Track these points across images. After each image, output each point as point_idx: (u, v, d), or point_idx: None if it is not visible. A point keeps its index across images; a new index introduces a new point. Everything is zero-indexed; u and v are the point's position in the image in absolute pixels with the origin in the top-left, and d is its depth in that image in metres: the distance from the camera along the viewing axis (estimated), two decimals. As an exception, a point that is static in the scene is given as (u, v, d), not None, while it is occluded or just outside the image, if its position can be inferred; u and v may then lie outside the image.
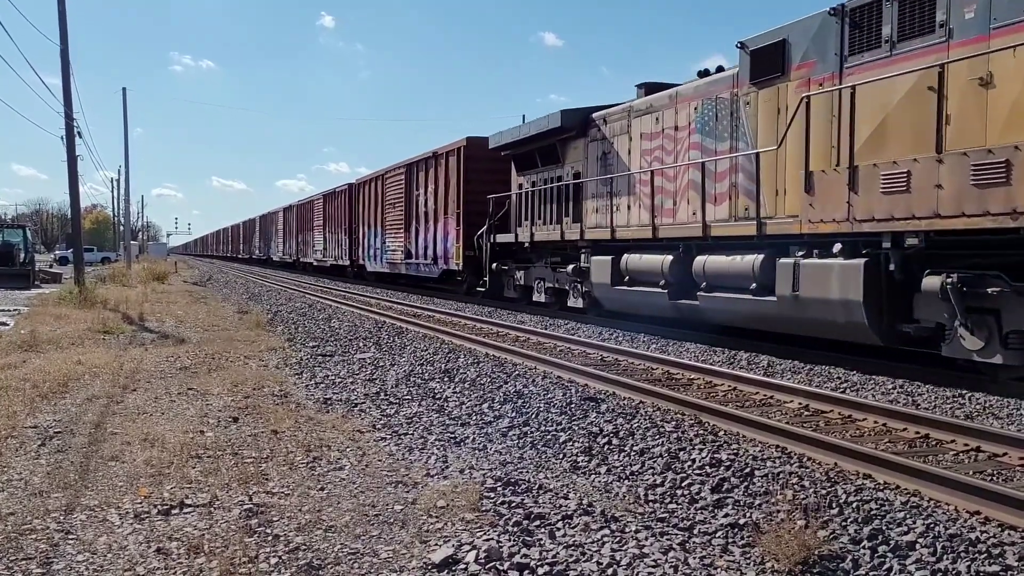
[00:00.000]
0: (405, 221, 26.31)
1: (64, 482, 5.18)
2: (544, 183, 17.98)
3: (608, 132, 15.57)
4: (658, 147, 13.92)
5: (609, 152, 15.47)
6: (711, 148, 12.51)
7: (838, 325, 9.68)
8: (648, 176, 13.93)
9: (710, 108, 12.61)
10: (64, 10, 22.30)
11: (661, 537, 4.21)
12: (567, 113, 16.58)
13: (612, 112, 15.53)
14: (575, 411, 7.15)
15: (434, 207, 23.84)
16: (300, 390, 8.63)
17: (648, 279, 13.51)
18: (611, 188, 15.14)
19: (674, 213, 13.38)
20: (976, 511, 4.63)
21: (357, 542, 4.21)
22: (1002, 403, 7.70)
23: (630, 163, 14.74)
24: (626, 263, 14.16)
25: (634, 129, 14.65)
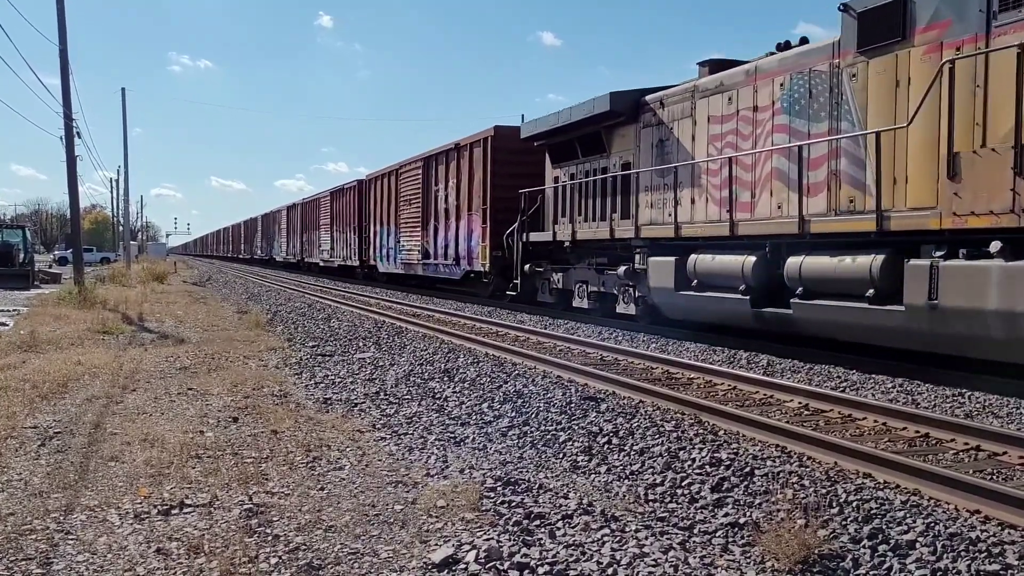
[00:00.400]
0: (422, 219, 24.68)
1: (64, 482, 5.18)
2: (585, 175, 16.30)
3: (666, 116, 13.78)
4: (731, 131, 12.21)
5: (667, 139, 13.72)
6: (802, 130, 10.85)
7: (998, 344, 8.01)
8: (719, 165, 12.29)
9: (801, 84, 10.86)
10: (63, 10, 22.31)
11: (661, 536, 4.21)
12: (617, 96, 14.67)
13: (671, 94, 13.76)
14: (575, 410, 7.15)
15: (456, 203, 22.18)
16: (300, 390, 8.63)
17: (723, 283, 11.85)
18: (671, 179, 13.42)
19: (752, 207, 11.67)
20: (976, 510, 4.63)
21: (357, 542, 4.21)
22: (1002, 402, 7.70)
23: (694, 150, 13.01)
24: (695, 265, 12.43)
25: (699, 111, 12.91)
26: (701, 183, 12.83)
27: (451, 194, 22.57)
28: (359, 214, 32.58)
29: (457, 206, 22.13)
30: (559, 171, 17.48)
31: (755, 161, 11.72)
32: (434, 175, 23.99)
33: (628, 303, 14.74)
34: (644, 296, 14.12)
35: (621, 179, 15.08)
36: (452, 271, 22.68)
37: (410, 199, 26.12)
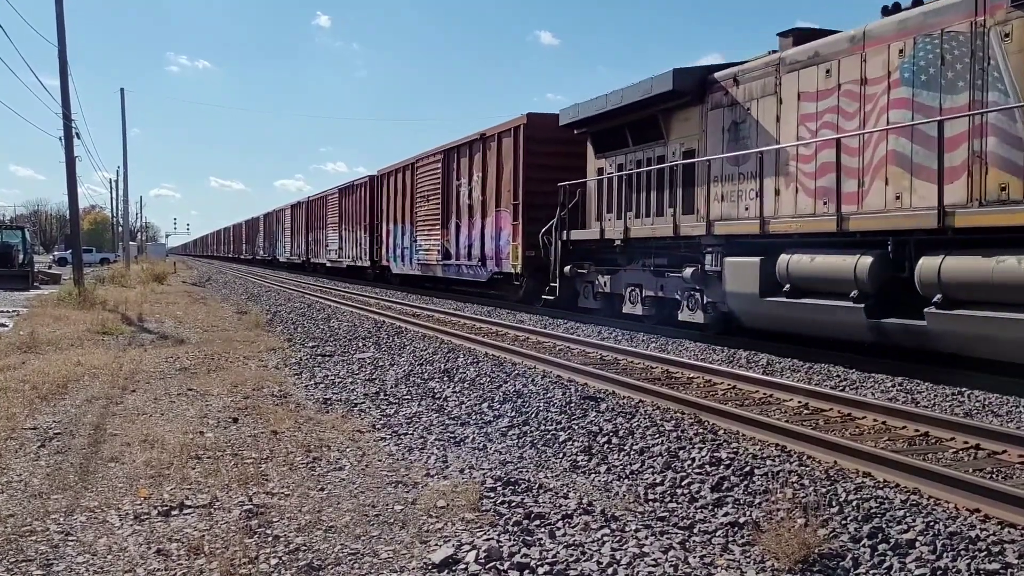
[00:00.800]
0: (442, 216, 22.94)
1: (64, 483, 5.18)
2: (637, 165, 14.65)
3: (741, 95, 12.19)
4: (829, 109, 10.57)
5: (743, 121, 12.13)
6: (930, 105, 9.23)
7: None
8: (812, 149, 10.73)
9: (929, 49, 9.22)
10: (62, 11, 22.30)
11: (661, 536, 4.21)
12: (682, 74, 13.02)
13: (747, 69, 12.19)
14: (575, 410, 7.15)
15: (481, 199, 20.41)
16: (300, 390, 8.63)
17: (827, 288, 9.99)
18: (750, 167, 11.84)
19: (860, 197, 9.98)
20: (976, 509, 4.63)
21: (357, 542, 4.21)
22: (1001, 400, 7.71)
23: (779, 133, 11.43)
24: (787, 266, 10.53)
25: (786, 88, 11.28)
26: (789, 171, 11.19)
27: (475, 189, 20.86)
28: (371, 212, 30.77)
29: (483, 202, 20.38)
30: (604, 161, 15.85)
31: (864, 144, 10.03)
32: (455, 169, 22.27)
33: (694, 310, 12.84)
34: (716, 302, 12.26)
35: (683, 169, 13.36)
36: (477, 273, 20.94)
37: (428, 195, 24.35)
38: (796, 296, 10.49)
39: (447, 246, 22.68)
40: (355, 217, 33.12)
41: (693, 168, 13.20)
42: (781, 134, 11.43)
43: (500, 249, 19.37)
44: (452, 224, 22.44)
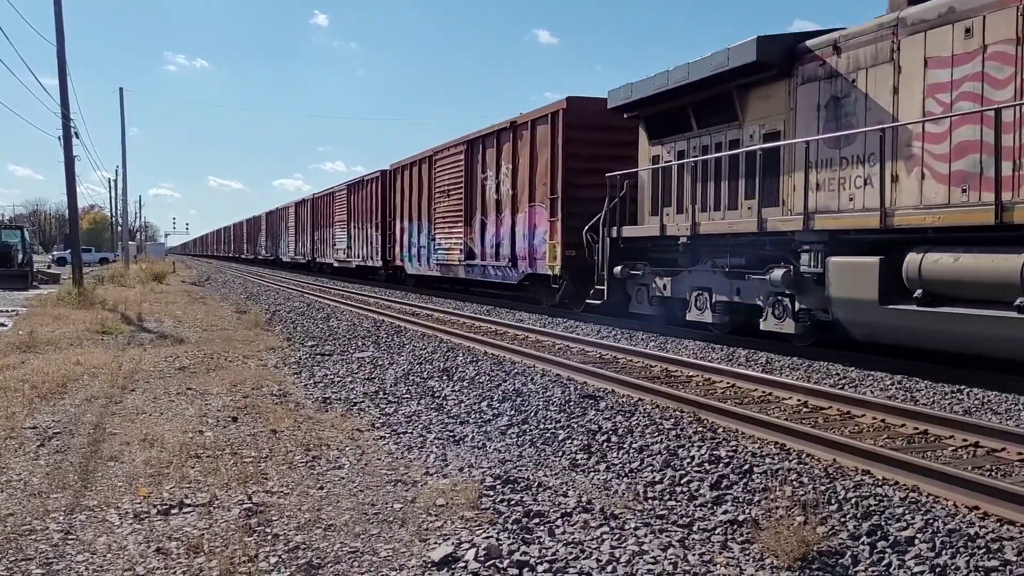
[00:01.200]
0: (465, 212, 21.18)
1: (63, 483, 5.18)
2: (703, 151, 12.83)
3: (844, 64, 10.40)
4: (970, 76, 8.78)
5: (846, 95, 10.37)
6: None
7: None
8: (945, 126, 9.02)
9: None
10: (60, 10, 22.28)
11: (660, 534, 4.21)
12: (766, 42, 11.24)
13: (852, 33, 10.38)
14: (574, 409, 7.15)
15: (512, 193, 18.58)
16: (299, 389, 8.63)
17: (978, 294, 8.30)
18: (857, 149, 10.13)
19: (1017, 182, 8.29)
20: (975, 506, 4.64)
21: (357, 541, 4.22)
22: (1000, 398, 7.72)
23: (897, 108, 9.65)
24: (919, 267, 8.77)
25: (907, 53, 9.51)
26: (911, 153, 9.45)
27: (504, 182, 19.02)
28: (383, 209, 28.98)
29: (513, 197, 18.55)
30: (660, 149, 13.97)
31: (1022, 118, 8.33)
32: (480, 161, 20.41)
33: (782, 318, 10.99)
34: (811, 309, 10.55)
35: (765, 154, 11.53)
36: (506, 274, 19.06)
37: (448, 190, 22.49)
38: (932, 304, 8.65)
39: (471, 245, 20.92)
40: (365, 214, 31.35)
41: (777, 153, 11.41)
42: (900, 109, 9.61)
43: (534, 248, 17.57)
44: (476, 221, 20.64)
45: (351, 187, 33.73)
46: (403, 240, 26.77)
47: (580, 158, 16.38)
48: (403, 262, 26.78)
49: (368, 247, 30.89)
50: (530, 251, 17.85)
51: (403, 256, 26.75)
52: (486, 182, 20.15)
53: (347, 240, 33.97)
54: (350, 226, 33.65)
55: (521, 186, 18.32)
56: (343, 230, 34.70)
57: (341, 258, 34.90)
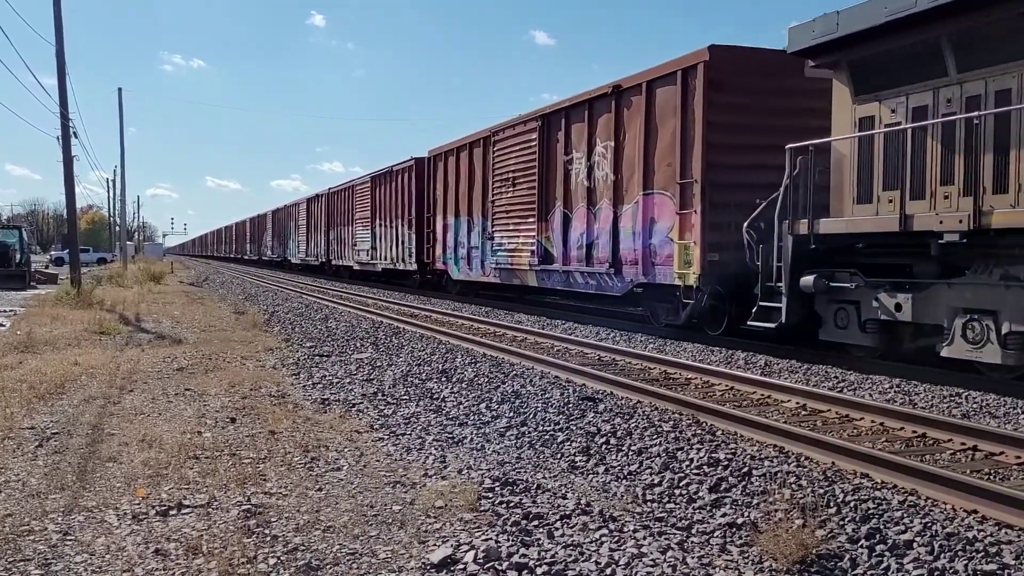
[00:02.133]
0: (539, 204, 16.97)
1: (62, 483, 5.18)
2: (964, 106, 8.85)
3: None
4: None
5: None
6: None
7: None
8: None
9: None
10: (59, 10, 22.28)
11: (659, 537, 4.21)
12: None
13: None
14: (573, 411, 7.15)
15: (613, 179, 14.36)
16: (298, 390, 8.62)
17: None
18: None
19: None
20: (973, 510, 4.64)
21: (355, 542, 4.21)
22: (999, 402, 7.72)
23: None
24: None
25: None
26: None
27: (601, 165, 14.84)
28: (418, 203, 24.84)
29: (616, 183, 14.36)
30: (878, 107, 9.91)
31: None
32: (562, 139, 16.15)
33: None
34: None
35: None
36: (604, 283, 14.86)
37: (513, 177, 18.25)
38: None
39: (546, 245, 16.75)
40: (394, 210, 27.16)
41: None
42: None
43: (651, 249, 13.38)
44: (556, 215, 16.42)
45: (376, 179, 29.36)
46: (446, 240, 22.50)
47: (728, 129, 12.13)
48: (446, 265, 22.59)
49: (398, 248, 26.84)
50: (645, 253, 13.49)
51: (447, 259, 22.53)
52: (571, 166, 15.83)
53: (371, 240, 29.78)
54: (375, 224, 29.40)
55: (629, 169, 14.00)
56: (366, 229, 30.49)
57: (364, 260, 31.00)
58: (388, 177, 28.02)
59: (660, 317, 13.96)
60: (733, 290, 11.97)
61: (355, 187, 32.44)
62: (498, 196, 19.10)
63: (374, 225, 29.50)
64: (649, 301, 14.23)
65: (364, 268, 31.20)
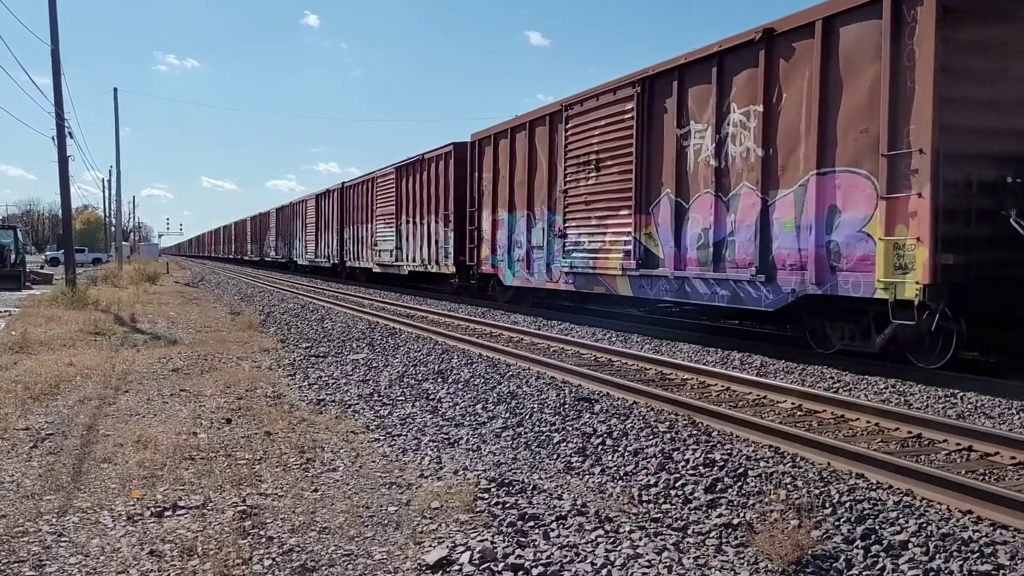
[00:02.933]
0: (638, 193, 13.44)
1: (56, 484, 5.16)
2: None
3: None
4: None
5: None
6: None
7: None
8: None
9: None
10: (55, 10, 22.22)
11: (655, 537, 4.21)
12: None
13: None
14: (569, 412, 7.16)
15: (761, 155, 10.84)
16: (293, 391, 8.61)
17: None
18: None
19: None
20: (968, 510, 4.65)
21: (351, 543, 4.21)
22: (993, 403, 7.74)
23: None
24: None
25: None
26: None
27: (739, 139, 11.27)
28: (457, 195, 21.53)
29: (765, 161, 10.79)
30: None
31: None
32: (675, 108, 12.58)
33: None
34: None
35: None
36: (745, 294, 11.11)
37: (597, 159, 14.61)
38: None
39: (647, 244, 13.33)
40: (426, 205, 23.89)
41: None
42: None
43: (833, 249, 9.84)
44: (663, 205, 12.89)
45: (404, 169, 25.85)
46: (495, 238, 19.14)
47: (969, 78, 8.87)
48: (495, 268, 19.30)
49: (430, 248, 23.51)
50: (818, 255, 10.02)
51: (497, 260, 19.20)
52: (687, 141, 12.36)
53: (395, 239, 26.40)
54: (400, 221, 26.09)
55: (789, 141, 10.53)
56: (388, 227, 27.24)
57: (385, 262, 27.55)
58: (418, 167, 24.46)
59: (832, 340, 10.39)
60: (976, 306, 8.88)
61: (376, 179, 28.96)
62: (573, 184, 15.46)
63: (399, 222, 26.21)
64: (817, 319, 10.62)
65: (386, 271, 27.97)
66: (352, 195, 32.53)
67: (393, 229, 26.78)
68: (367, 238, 30.10)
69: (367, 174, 30.77)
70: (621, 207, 14.02)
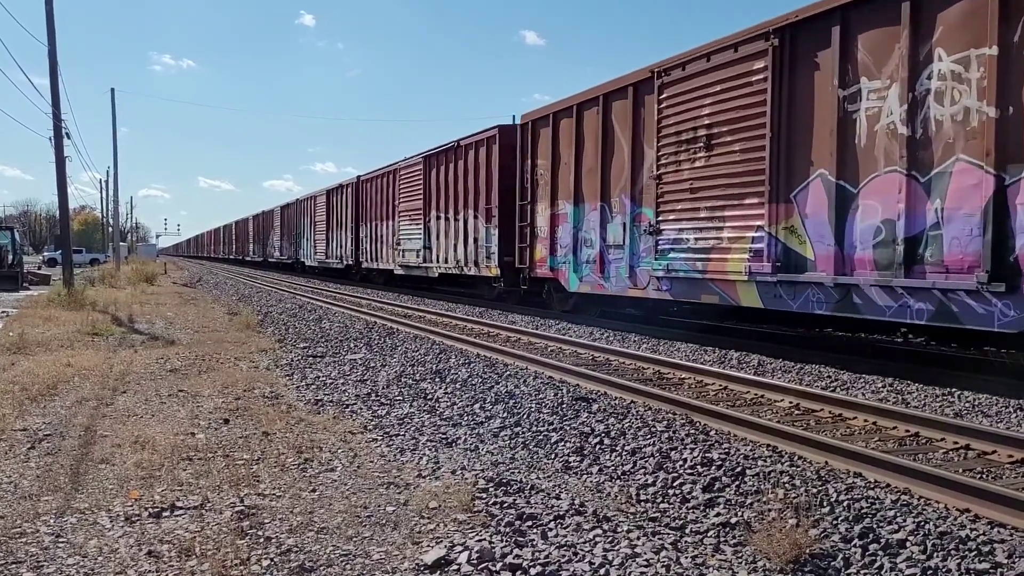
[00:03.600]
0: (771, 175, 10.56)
1: (54, 485, 5.16)
2: None
3: None
4: None
5: None
6: None
7: None
8: None
9: None
10: (51, 10, 22.20)
11: (653, 537, 4.21)
12: None
13: None
14: (566, 411, 7.16)
15: (994, 116, 7.93)
16: (291, 391, 8.61)
17: None
18: None
19: None
20: (966, 509, 4.66)
21: (349, 544, 4.21)
22: (991, 401, 7.75)
23: None
24: None
25: None
26: None
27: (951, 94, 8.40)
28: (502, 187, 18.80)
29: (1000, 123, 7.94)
30: None
31: None
32: (834, 63, 9.64)
33: None
34: None
35: None
36: (963, 309, 8.21)
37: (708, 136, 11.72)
38: None
39: (786, 241, 10.40)
40: (462, 198, 21.18)
41: None
42: None
43: None
44: (814, 190, 9.97)
45: (433, 158, 23.18)
46: (556, 236, 16.42)
47: None
48: (557, 272, 16.39)
49: (467, 247, 20.86)
50: None
51: (558, 262, 16.35)
52: (855, 105, 9.39)
53: (423, 237, 23.77)
54: (428, 217, 23.43)
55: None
56: (415, 223, 24.45)
57: (411, 263, 24.81)
58: (452, 155, 21.61)
59: None
60: None
61: (399, 171, 25.96)
62: (670, 168, 12.58)
63: (428, 218, 23.42)
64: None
65: (411, 272, 25.19)
66: (369, 190, 29.72)
67: (420, 226, 23.94)
68: (387, 237, 27.22)
69: (387, 166, 27.62)
70: (747, 195, 11.01)
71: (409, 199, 25.00)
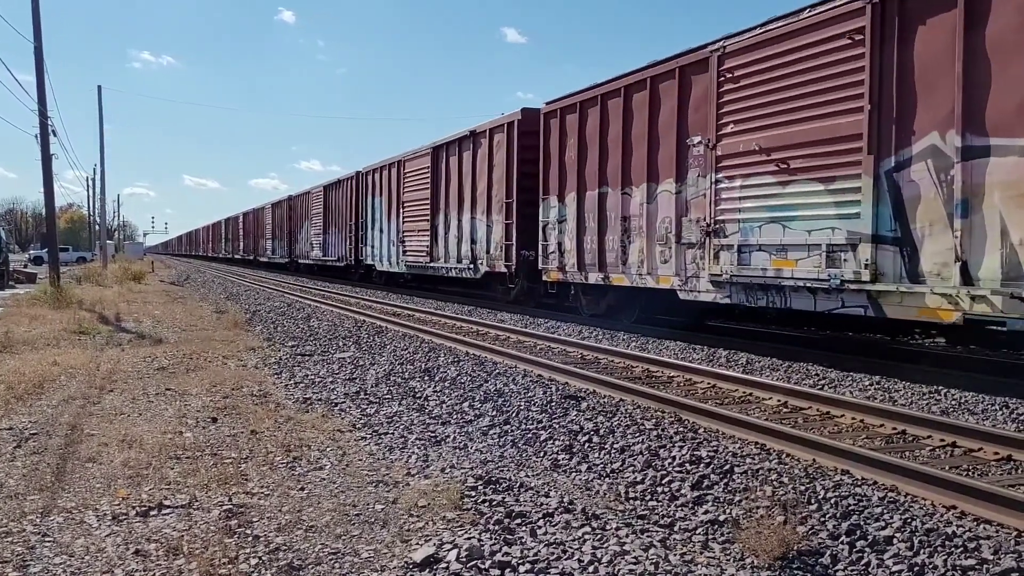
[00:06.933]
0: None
1: (40, 484, 5.13)
2: None
3: None
4: None
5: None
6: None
7: None
8: None
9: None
10: (38, 7, 22.05)
11: (642, 534, 4.22)
12: None
13: None
14: (556, 409, 7.16)
15: None
16: (279, 390, 8.58)
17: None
18: None
19: None
20: (952, 505, 4.69)
21: (338, 542, 4.20)
22: (977, 399, 7.80)
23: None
24: None
25: None
26: None
27: None
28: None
29: None
30: None
31: None
32: None
33: None
34: None
35: None
36: None
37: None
38: None
39: None
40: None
41: None
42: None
43: None
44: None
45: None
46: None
47: None
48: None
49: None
50: None
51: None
52: None
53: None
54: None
55: None
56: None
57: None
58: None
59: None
60: None
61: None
62: None
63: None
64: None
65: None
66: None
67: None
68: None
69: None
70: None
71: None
